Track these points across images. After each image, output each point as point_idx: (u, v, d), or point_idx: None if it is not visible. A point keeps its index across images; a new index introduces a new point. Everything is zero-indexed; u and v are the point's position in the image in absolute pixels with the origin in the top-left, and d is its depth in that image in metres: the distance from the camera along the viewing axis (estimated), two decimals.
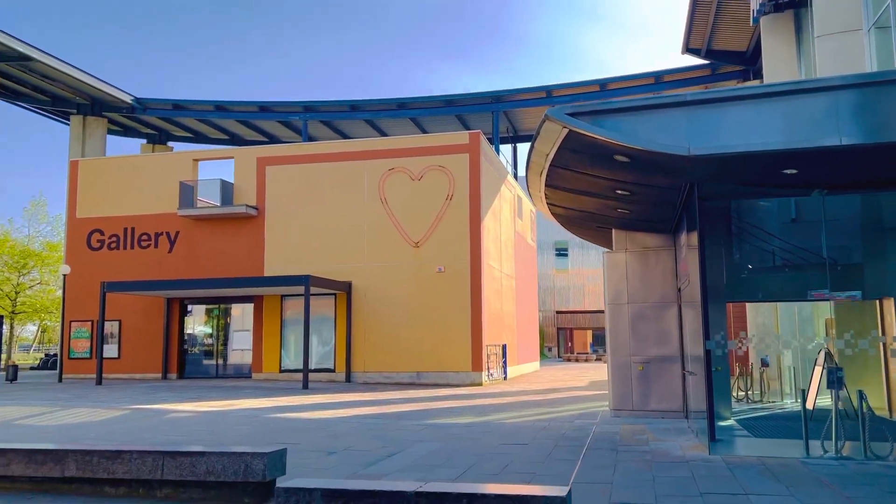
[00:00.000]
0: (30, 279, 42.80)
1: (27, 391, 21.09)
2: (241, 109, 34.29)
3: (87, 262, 27.69)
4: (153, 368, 26.99)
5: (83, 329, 27.73)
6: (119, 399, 17.80)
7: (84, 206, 28.49)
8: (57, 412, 14.95)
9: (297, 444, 10.17)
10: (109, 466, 6.96)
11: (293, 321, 26.20)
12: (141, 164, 29.18)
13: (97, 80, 31.96)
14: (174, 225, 27.47)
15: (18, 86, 32.53)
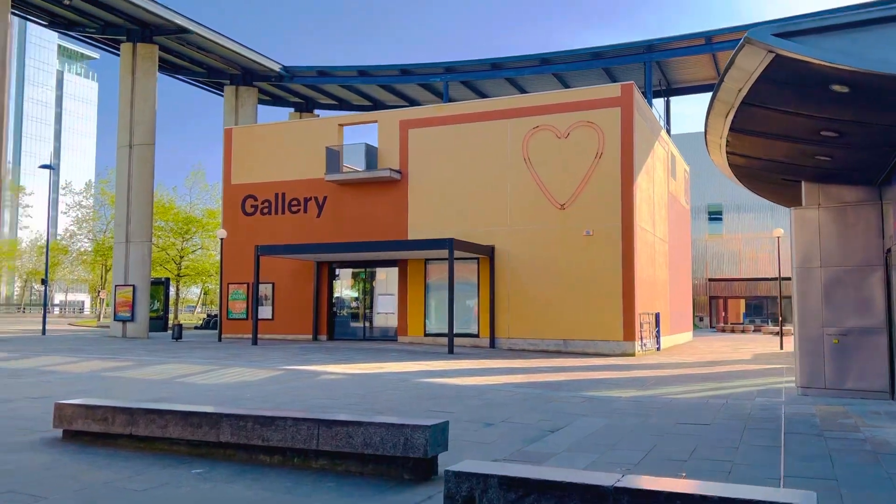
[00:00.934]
0: (192, 244, 45.66)
1: (190, 350, 22.16)
2: (383, 74, 34.20)
3: (242, 227, 28.76)
4: (304, 330, 27.73)
5: (239, 291, 28.94)
6: (273, 359, 18.15)
7: (238, 172, 29.54)
8: (215, 371, 15.33)
9: (451, 413, 9.53)
10: (263, 433, 6.55)
11: (437, 286, 25.89)
12: (289, 130, 29.80)
13: (248, 50, 32.94)
14: (322, 190, 27.86)
15: (177, 59, 34.18)
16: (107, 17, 29.81)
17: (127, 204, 29.73)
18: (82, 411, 7.40)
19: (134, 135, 29.86)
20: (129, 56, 30.34)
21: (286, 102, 41.53)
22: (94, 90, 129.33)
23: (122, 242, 29.82)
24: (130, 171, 29.79)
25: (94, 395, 11.08)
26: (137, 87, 30.02)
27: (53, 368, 15.38)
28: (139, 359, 17.94)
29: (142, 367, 15.96)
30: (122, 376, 14.02)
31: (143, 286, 29.49)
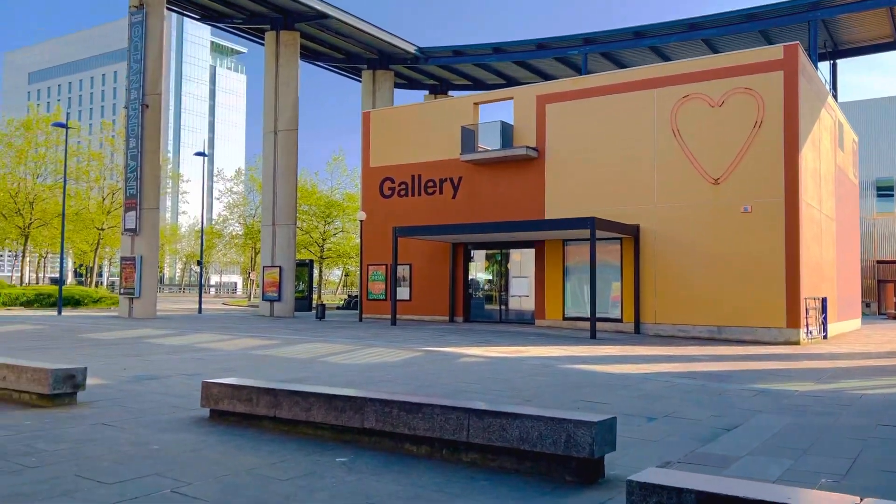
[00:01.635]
0: (333, 227, 47.06)
1: (332, 329, 22.54)
2: (519, 49, 33.26)
3: (381, 209, 28.99)
4: (441, 311, 27.60)
5: (379, 272, 29.25)
6: (412, 340, 17.98)
7: (376, 155, 29.77)
8: (357, 351, 15.29)
9: (606, 405, 8.70)
10: (410, 421, 6.05)
11: (576, 268, 24.85)
12: (424, 111, 29.64)
13: (385, 33, 33.08)
14: (457, 170, 27.49)
15: (317, 45, 34.93)
16: (252, 7, 30.87)
17: (273, 188, 30.82)
18: (228, 391, 7.26)
19: (278, 121, 30.83)
20: (272, 44, 31.30)
21: (420, 85, 41.58)
22: (242, 83, 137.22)
23: (268, 225, 30.99)
24: (276, 157, 30.82)
25: (242, 373, 11.20)
26: (281, 74, 30.94)
27: (207, 346, 15.95)
28: (285, 338, 18.36)
29: (287, 345, 16.24)
30: (268, 355, 14.25)
31: (288, 267, 30.53)
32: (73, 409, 7.72)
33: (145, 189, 26.06)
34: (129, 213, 26.19)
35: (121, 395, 8.71)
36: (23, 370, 8.05)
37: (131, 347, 15.15)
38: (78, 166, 47.22)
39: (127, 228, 26.28)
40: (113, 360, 12.55)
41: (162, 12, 26.59)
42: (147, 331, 20.02)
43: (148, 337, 17.87)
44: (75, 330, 19.70)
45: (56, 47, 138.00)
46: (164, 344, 16.11)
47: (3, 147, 44.15)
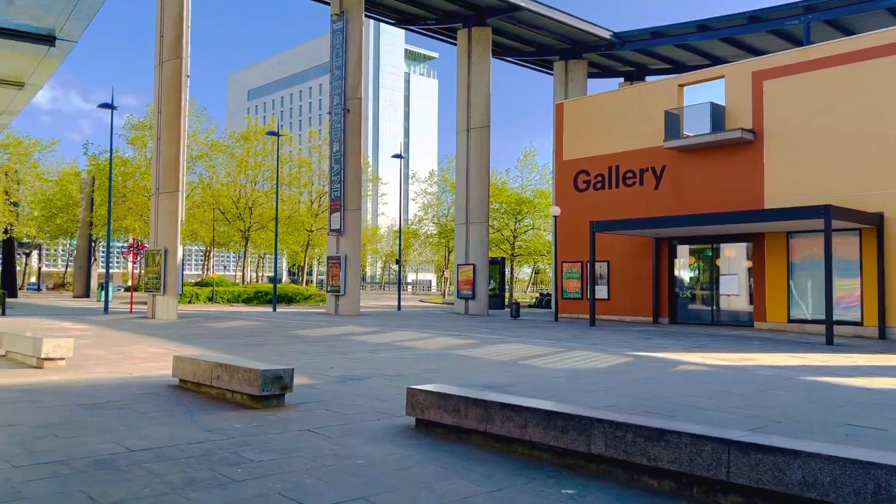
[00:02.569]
0: (524, 225, 46.45)
1: (528, 328, 21.76)
2: (727, 25, 30.38)
3: (575, 204, 27.79)
4: (643, 311, 25.84)
5: (574, 270, 28.08)
6: (616, 343, 16.68)
7: (570, 147, 28.61)
8: (559, 354, 14.33)
9: (884, 431, 6.98)
10: (649, 449, 4.98)
11: (803, 264, 22.02)
12: (622, 98, 27.97)
13: (578, 20, 31.82)
14: (659, 159, 25.57)
15: (507, 40, 34.42)
16: (445, 7, 31.02)
17: (466, 187, 30.75)
18: (434, 399, 6.63)
19: (471, 119, 30.70)
20: (464, 42, 31.25)
21: (614, 73, 39.69)
22: (434, 87, 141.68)
23: (462, 224, 30.97)
24: (468, 155, 30.72)
25: (444, 375, 10.70)
26: (473, 71, 30.77)
27: (407, 344, 15.84)
28: (483, 337, 17.86)
29: (486, 345, 15.68)
30: (468, 355, 13.74)
31: (482, 265, 30.30)
32: (281, 411, 7.54)
33: (348, 191, 27.03)
34: (333, 214, 27.32)
35: (326, 398, 8.48)
36: (235, 370, 8.04)
37: (336, 345, 15.39)
38: (289, 173, 50.81)
39: (332, 229, 27.44)
40: (319, 358, 12.66)
41: (360, 18, 27.42)
42: (351, 328, 20.53)
43: (352, 334, 18.22)
44: (286, 327, 20.67)
45: (270, 66, 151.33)
46: (367, 342, 16.23)
47: (226, 157, 48.62)
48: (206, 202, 46.44)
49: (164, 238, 23.58)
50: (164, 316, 23.27)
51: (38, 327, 18.74)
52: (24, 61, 5.87)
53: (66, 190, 50.71)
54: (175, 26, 22.94)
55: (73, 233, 50.85)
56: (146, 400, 8.10)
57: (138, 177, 43.52)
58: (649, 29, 32.68)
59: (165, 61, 23.15)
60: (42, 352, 10.33)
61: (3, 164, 39.30)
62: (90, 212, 44.36)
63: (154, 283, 23.62)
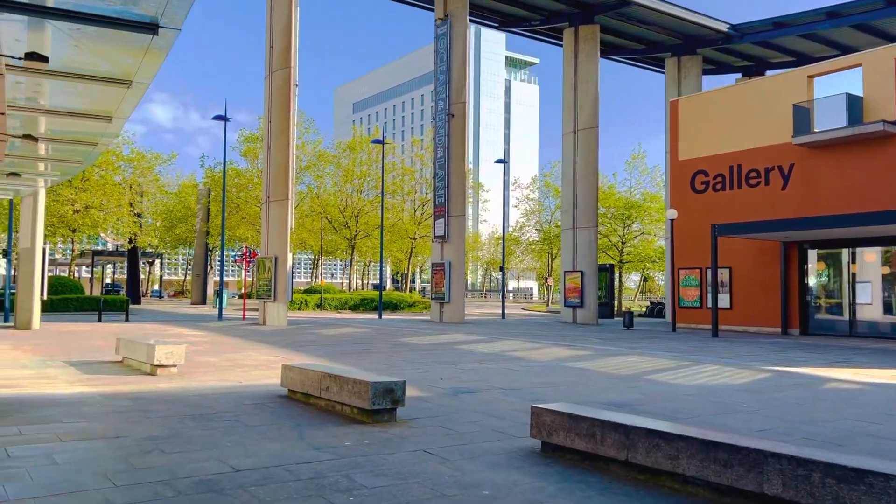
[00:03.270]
0: (633, 230, 44.65)
1: (644, 339, 20.49)
2: (860, 10, 27.91)
3: (692, 206, 26.17)
4: (769, 322, 23.91)
5: (691, 277, 26.42)
6: (747, 356, 15.26)
7: (686, 147, 27.02)
8: (685, 368, 13.16)
9: None
10: (843, 495, 4.03)
11: None
12: (744, 93, 26.13)
13: (692, 13, 30.18)
14: (787, 156, 23.65)
15: (615, 37, 33.11)
16: (550, 6, 30.16)
17: (573, 190, 29.67)
18: (563, 422, 5.86)
19: (578, 120, 29.63)
20: (571, 41, 30.25)
21: (730, 68, 37.47)
22: (535, 93, 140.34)
23: (569, 229, 29.89)
24: (575, 157, 29.64)
25: (562, 389, 9.89)
26: (580, 71, 29.72)
27: (517, 354, 15.09)
28: (596, 348, 16.85)
29: (601, 357, 14.70)
30: (584, 367, 12.82)
31: (590, 272, 29.09)
32: (392, 427, 6.98)
33: (452, 197, 26.60)
34: (438, 220, 26.97)
35: (439, 413, 7.88)
36: (344, 382, 7.57)
37: (444, 354, 14.85)
38: (393, 181, 51.21)
39: (436, 235, 27.09)
40: (428, 368, 12.12)
41: (465, 20, 27.01)
42: (457, 336, 19.98)
43: (459, 343, 17.65)
44: (392, 334, 20.38)
45: (373, 79, 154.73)
46: (475, 351, 15.60)
47: (333, 167, 49.56)
48: (314, 211, 47.47)
49: (275, 246, 23.92)
50: (275, 322, 23.59)
51: (155, 333, 19.29)
52: (129, 55, 5.64)
53: (185, 201, 53.23)
54: (283, 37, 23.31)
55: (191, 242, 53.31)
56: (254, 412, 7.77)
57: (250, 188, 45.00)
58: (771, 19, 30.53)
59: (275, 71, 23.56)
60: (155, 359, 10.32)
61: (129, 178, 41.62)
62: (206, 222, 46.26)
63: (265, 290, 24.00)
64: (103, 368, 11.30)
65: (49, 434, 6.37)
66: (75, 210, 36.01)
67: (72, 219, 36.10)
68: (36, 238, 18.80)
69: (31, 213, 18.59)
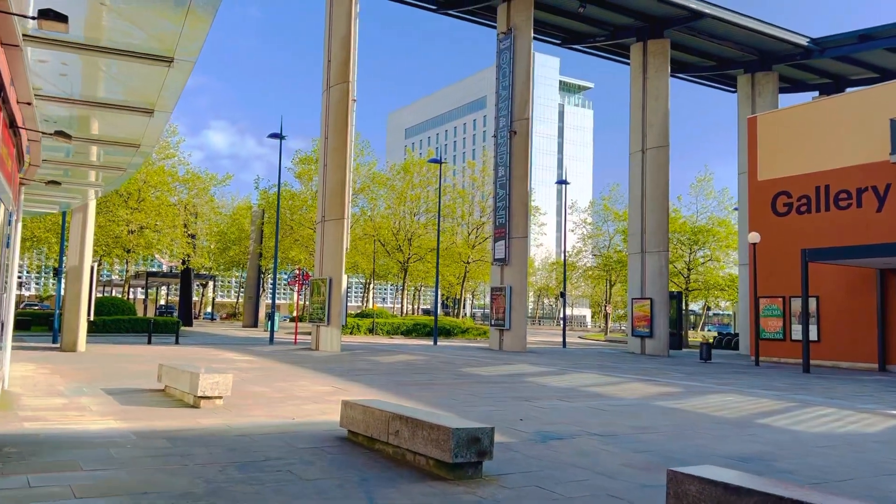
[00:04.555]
0: (700, 256, 42.46)
1: (729, 375, 18.63)
2: None
3: (773, 230, 24.24)
4: (863, 356, 21.75)
5: (774, 306, 24.38)
6: (856, 396, 13.38)
7: (766, 167, 25.17)
8: (796, 410, 11.42)
9: None
10: None
11: None
12: (831, 108, 24.22)
13: (769, 26, 28.43)
14: (882, 176, 21.64)
15: (684, 54, 31.49)
16: (616, 20, 28.82)
17: (641, 212, 27.97)
18: (718, 495, 4.39)
19: (646, 138, 28.04)
20: (638, 56, 28.80)
21: (805, 86, 35.38)
22: (589, 118, 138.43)
23: (636, 253, 28.15)
24: (644, 178, 28.00)
25: (665, 435, 8.36)
26: (649, 87, 28.19)
27: (597, 390, 13.53)
28: (682, 384, 15.15)
29: (694, 395, 13.02)
30: (679, 408, 11.21)
31: (660, 300, 27.24)
32: (481, 487, 5.61)
33: (514, 217, 25.24)
34: (498, 242, 25.62)
35: (532, 467, 6.47)
36: (418, 425, 6.24)
37: (515, 387, 13.39)
38: (447, 204, 50.16)
39: (496, 258, 25.71)
40: (502, 405, 10.70)
41: (529, 34, 25.84)
42: (523, 367, 18.48)
43: (527, 375, 16.15)
44: (452, 363, 18.99)
45: (425, 105, 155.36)
46: (549, 385, 14.10)
47: (386, 190, 48.80)
48: (366, 234, 46.68)
49: (329, 267, 22.91)
50: (328, 347, 22.48)
51: (204, 357, 18.32)
52: (167, 18, 4.53)
53: (239, 224, 53.14)
54: (343, 49, 22.50)
55: (244, 264, 53.11)
56: (310, 459, 6.49)
57: (304, 209, 44.48)
58: (856, 32, 28.53)
59: (333, 86, 22.73)
60: (199, 389, 9.17)
61: (184, 199, 41.55)
62: (259, 244, 45.88)
63: (318, 313, 22.95)
64: (142, 398, 10.21)
65: (62, 487, 5.19)
66: (130, 230, 35.87)
67: (126, 239, 35.95)
68: (84, 255, 18.15)
69: (79, 228, 17.96)
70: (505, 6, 26.49)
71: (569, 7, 28.05)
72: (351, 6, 23.12)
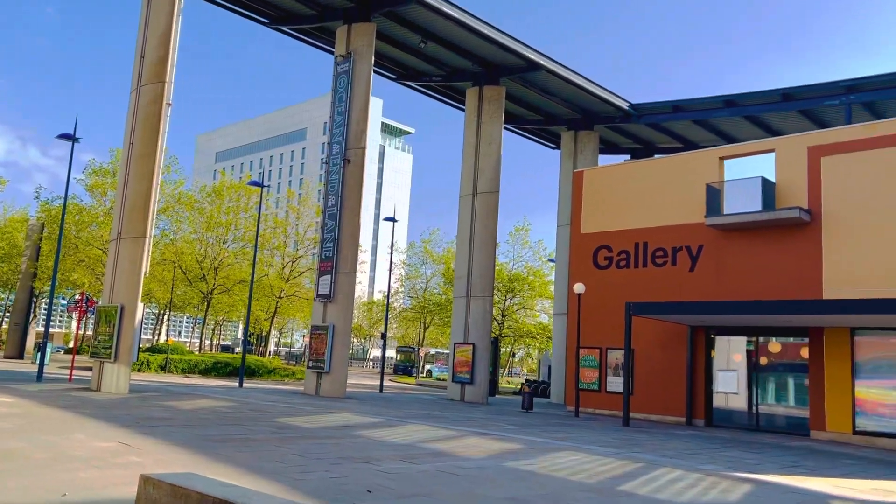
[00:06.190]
0: (514, 303, 43.24)
1: (559, 427, 18.11)
2: (757, 102, 28.50)
3: (593, 282, 24.69)
4: (673, 410, 22.51)
5: (591, 357, 24.73)
6: (690, 455, 13.20)
7: (589, 220, 25.79)
8: (649, 473, 10.79)
9: None
10: None
11: (873, 364, 19.14)
12: (653, 169, 25.45)
13: (598, 87, 29.66)
14: (696, 238, 22.83)
15: (515, 105, 32.02)
16: (455, 62, 28.60)
17: (469, 256, 27.51)
18: None
19: (478, 183, 27.83)
20: (474, 100, 28.73)
21: (620, 149, 37.63)
22: (408, 161, 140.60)
23: (462, 297, 27.56)
24: (473, 222, 27.65)
25: None
26: (483, 133, 28.13)
27: (438, 447, 12.11)
28: (520, 437, 14.21)
29: (539, 453, 12.04)
30: (532, 470, 10.09)
31: (482, 346, 26.74)
32: None
33: (343, 251, 23.52)
34: (323, 277, 23.69)
35: None
36: None
37: (347, 444, 11.59)
38: (262, 233, 47.09)
39: (320, 294, 23.72)
40: (340, 470, 8.89)
41: (370, 61, 24.63)
42: (348, 416, 16.64)
43: (356, 427, 14.36)
44: (266, 411, 16.68)
45: (240, 129, 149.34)
46: (385, 440, 12.44)
47: (193, 213, 44.72)
48: (166, 259, 42.17)
49: (122, 293, 19.55)
50: (113, 388, 19.03)
51: None
52: None
53: (11, 238, 46.04)
54: (161, 46, 19.68)
55: (12, 284, 45.92)
56: None
57: (94, 227, 39.31)
58: (671, 102, 30.68)
59: (144, 85, 19.74)
60: None
61: None
62: (35, 261, 39.75)
63: (104, 346, 19.44)
64: None
65: None
66: None
67: None
68: None
69: None
70: (345, 29, 25.17)
71: (409, 41, 27.39)
72: (175, 1, 20.47)
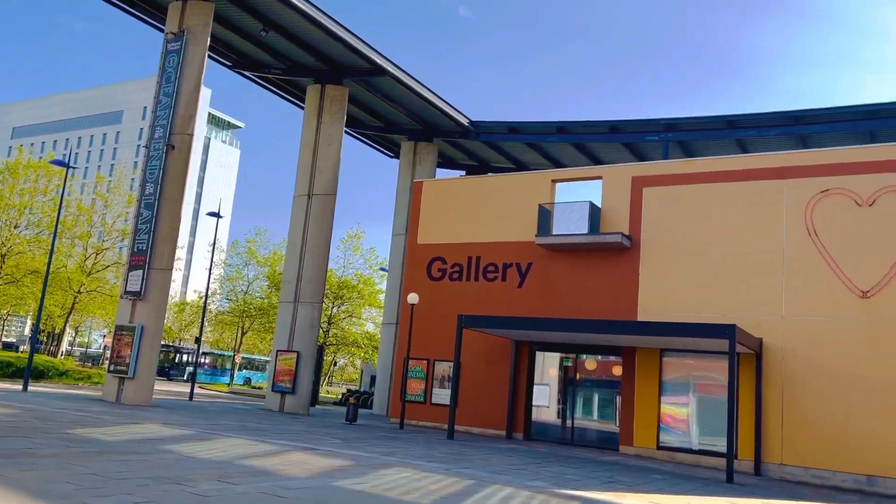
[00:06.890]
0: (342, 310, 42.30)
1: (383, 440, 17.57)
2: (587, 131, 30.03)
3: (426, 293, 24.59)
4: (494, 423, 22.86)
5: (418, 368, 24.56)
6: (518, 470, 13.22)
7: (426, 231, 25.71)
8: (477, 491, 10.53)
9: None
10: None
11: (676, 385, 20.63)
12: (489, 186, 25.88)
13: (441, 100, 29.76)
14: (526, 255, 23.47)
15: (357, 108, 31.33)
16: (297, 56, 27.40)
17: (299, 259, 26.33)
18: None
19: (314, 184, 26.76)
20: (315, 98, 27.69)
21: (455, 164, 38.14)
22: (235, 157, 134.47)
23: (289, 302, 26.27)
24: (307, 224, 26.53)
25: None
26: (323, 132, 27.14)
27: (259, 464, 11.05)
28: (346, 453, 13.47)
29: (368, 470, 11.41)
30: (364, 490, 9.43)
31: (307, 354, 25.63)
32: None
33: (159, 245, 21.42)
34: (133, 272, 21.41)
35: None
36: None
37: (154, 461, 10.22)
38: (62, 220, 42.33)
39: (129, 291, 21.41)
40: (146, 494, 7.67)
41: (205, 43, 22.83)
42: (155, 427, 14.95)
43: (164, 441, 12.86)
44: (57, 420, 14.56)
45: (44, 105, 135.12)
46: (197, 457, 11.17)
47: None
48: None
49: None
50: None
51: None
52: None
53: None
54: None
55: None
56: None
57: None
58: (507, 123, 31.55)
59: None
60: None
61: None
62: None
63: None
64: None
65: None
66: None
67: None
68: None
69: None
70: (179, 5, 23.19)
71: (250, 28, 25.81)
72: None
